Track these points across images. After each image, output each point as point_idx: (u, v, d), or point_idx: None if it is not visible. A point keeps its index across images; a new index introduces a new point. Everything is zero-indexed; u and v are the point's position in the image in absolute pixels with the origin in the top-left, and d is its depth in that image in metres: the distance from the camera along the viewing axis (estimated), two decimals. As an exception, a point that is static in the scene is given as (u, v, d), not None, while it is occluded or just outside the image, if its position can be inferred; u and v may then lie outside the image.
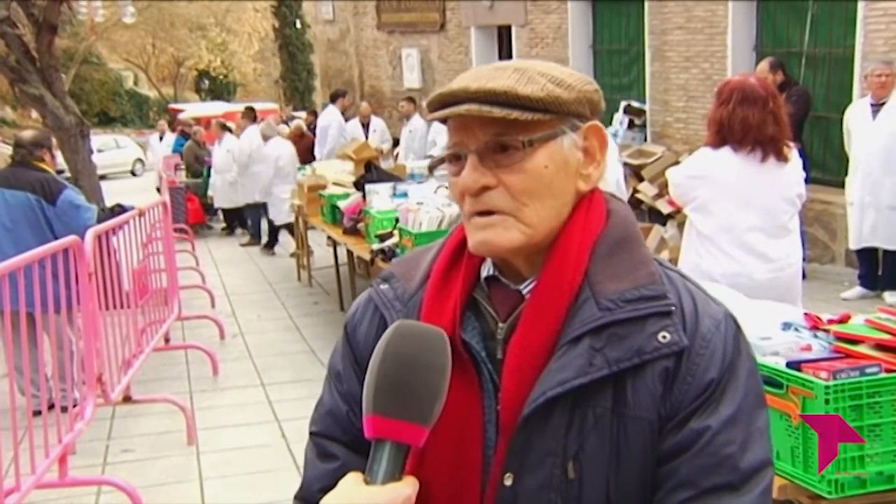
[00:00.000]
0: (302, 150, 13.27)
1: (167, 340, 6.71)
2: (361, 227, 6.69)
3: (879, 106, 6.81)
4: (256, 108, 15.69)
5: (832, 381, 2.21)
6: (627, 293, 1.12)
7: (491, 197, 1.15)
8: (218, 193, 12.70)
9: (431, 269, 1.25)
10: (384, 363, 1.03)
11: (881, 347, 2.37)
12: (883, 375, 2.26)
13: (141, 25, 28.29)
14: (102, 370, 4.72)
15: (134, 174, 26.40)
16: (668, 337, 1.11)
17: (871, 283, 7.20)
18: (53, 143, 6.52)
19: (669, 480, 1.11)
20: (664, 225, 8.72)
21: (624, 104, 10.77)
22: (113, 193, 10.74)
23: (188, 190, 13.09)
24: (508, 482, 1.13)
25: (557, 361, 1.11)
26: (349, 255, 7.41)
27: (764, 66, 7.79)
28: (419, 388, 1.02)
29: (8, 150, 5.60)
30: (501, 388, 1.15)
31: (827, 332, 2.50)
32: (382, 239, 5.99)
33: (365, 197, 6.80)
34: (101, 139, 25.61)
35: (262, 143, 11.43)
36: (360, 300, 1.32)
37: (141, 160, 26.62)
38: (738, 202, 3.69)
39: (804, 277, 4.18)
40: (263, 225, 12.16)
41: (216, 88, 37.99)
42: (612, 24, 11.51)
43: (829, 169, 8.52)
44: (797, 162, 3.81)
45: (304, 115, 17.79)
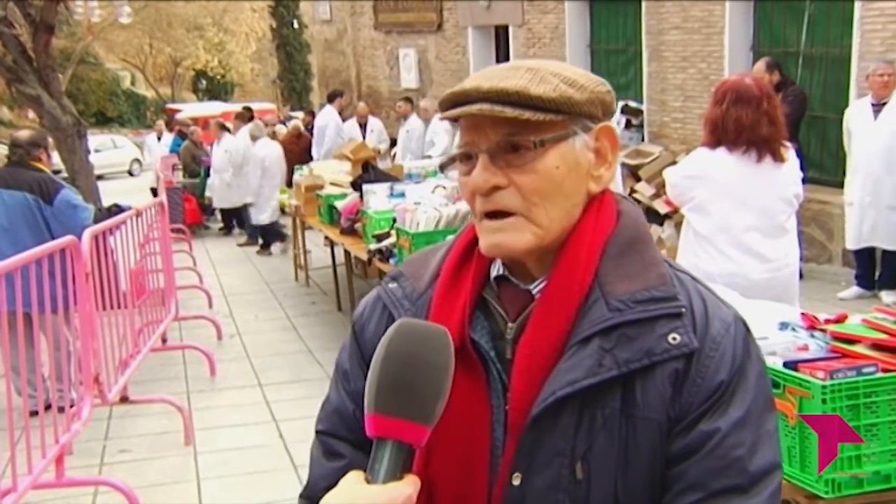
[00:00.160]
0: (299, 150, 13.27)
1: (164, 341, 6.71)
2: (359, 227, 6.69)
3: (881, 106, 6.78)
4: (254, 108, 15.70)
5: (829, 380, 2.22)
6: (638, 294, 1.12)
7: (502, 197, 1.15)
8: (216, 193, 12.69)
9: (441, 268, 1.25)
10: (386, 361, 1.03)
11: (878, 347, 2.37)
12: (880, 375, 2.27)
13: (138, 25, 28.30)
14: (99, 370, 4.72)
15: (131, 174, 26.37)
16: (678, 338, 1.11)
17: (867, 282, 7.20)
18: (50, 143, 6.52)
19: (678, 482, 1.10)
20: (661, 225, 8.73)
21: (621, 104, 10.77)
22: (110, 193, 10.76)
23: (185, 190, 13.08)
24: (517, 482, 1.12)
25: (567, 361, 1.11)
26: (346, 255, 7.41)
27: (760, 66, 7.80)
28: (421, 386, 1.02)
29: (3, 150, 5.58)
30: (510, 387, 1.15)
31: (824, 331, 2.50)
32: (380, 239, 5.99)
33: (362, 197, 6.80)
34: (98, 139, 25.60)
35: (251, 143, 11.44)
36: (368, 299, 1.32)
37: (138, 160, 26.60)
38: (735, 202, 3.69)
39: (801, 277, 4.20)
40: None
41: (213, 88, 37.97)
42: (609, 23, 11.52)
43: (826, 169, 8.53)
44: (794, 162, 3.81)
45: (301, 115, 17.78)
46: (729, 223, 3.72)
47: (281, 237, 11.57)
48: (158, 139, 17.65)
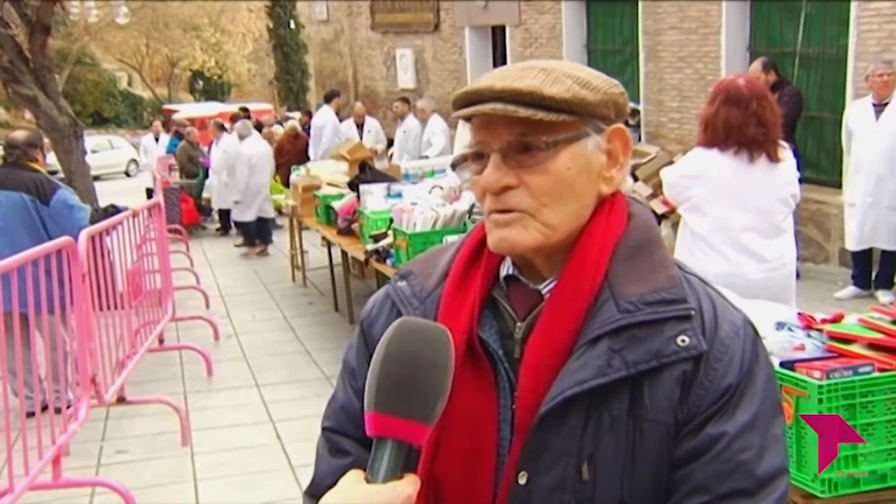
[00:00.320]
0: (296, 150, 13.27)
1: (161, 341, 6.70)
2: (356, 227, 6.69)
3: (882, 106, 6.75)
4: (251, 108, 15.72)
5: (825, 380, 2.22)
6: (647, 296, 1.12)
7: (512, 197, 1.15)
8: (215, 194, 12.69)
9: (450, 267, 1.25)
10: (386, 360, 1.03)
11: (874, 347, 2.38)
12: (876, 375, 2.27)
13: (135, 26, 28.28)
14: (96, 371, 4.71)
15: (128, 175, 26.33)
16: (686, 341, 1.11)
17: (864, 282, 7.21)
18: (45, 143, 6.51)
19: (684, 485, 1.10)
20: (658, 225, 8.73)
21: (618, 104, 10.77)
22: (107, 194, 10.73)
23: (182, 190, 13.07)
24: (522, 481, 1.12)
25: (576, 361, 1.11)
26: (343, 255, 7.40)
27: (756, 66, 7.80)
28: (421, 386, 1.02)
29: (-1, 150, 5.62)
30: (518, 386, 1.15)
31: (820, 331, 2.51)
32: (377, 239, 5.98)
33: (359, 197, 6.80)
34: (95, 140, 25.57)
35: (238, 142, 11.46)
36: (377, 296, 1.33)
37: (135, 161, 26.57)
38: (731, 202, 3.69)
39: (798, 277, 4.19)
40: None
41: (210, 89, 37.94)
42: (606, 24, 11.53)
43: (822, 169, 8.55)
44: (791, 162, 3.82)
45: (298, 115, 17.78)
46: (726, 223, 3.72)
47: (265, 238, 11.57)
48: (156, 140, 17.61)
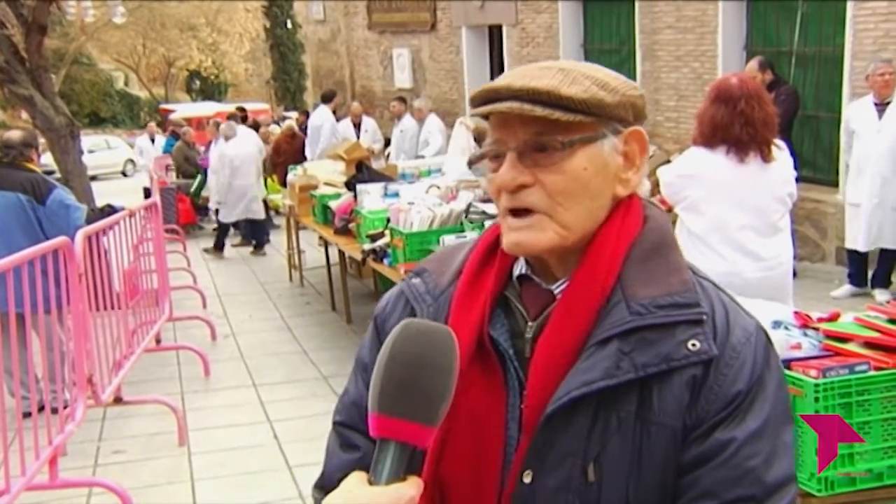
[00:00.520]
0: (294, 150, 13.26)
1: (158, 341, 6.70)
2: (353, 227, 6.68)
3: (884, 105, 6.71)
4: (248, 108, 15.71)
5: (822, 379, 2.23)
6: (659, 299, 1.12)
7: (527, 195, 1.15)
8: (214, 194, 12.66)
9: (464, 265, 1.25)
10: (390, 362, 1.02)
11: (870, 345, 2.38)
12: (872, 373, 2.28)
13: (131, 26, 28.22)
14: (93, 371, 4.70)
15: (125, 175, 26.34)
16: (697, 345, 1.10)
17: (860, 280, 7.21)
18: (41, 143, 6.51)
19: (691, 490, 1.10)
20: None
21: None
22: (104, 194, 10.72)
23: (179, 190, 13.05)
24: (527, 480, 1.12)
25: (584, 362, 1.11)
26: (341, 255, 7.40)
27: (753, 65, 7.81)
28: (425, 387, 1.01)
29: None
30: (527, 385, 1.15)
31: (817, 330, 2.51)
32: (374, 239, 5.98)
33: (356, 197, 6.80)
34: (91, 140, 25.54)
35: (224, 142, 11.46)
36: (391, 293, 1.33)
37: (132, 161, 26.56)
38: (728, 201, 3.69)
39: (795, 276, 4.19)
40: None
41: (207, 89, 37.92)
42: (602, 23, 11.53)
43: (819, 168, 8.55)
44: (787, 161, 3.82)
45: (295, 115, 17.77)
46: (722, 222, 3.72)
47: (259, 239, 11.57)
48: (152, 141, 17.58)
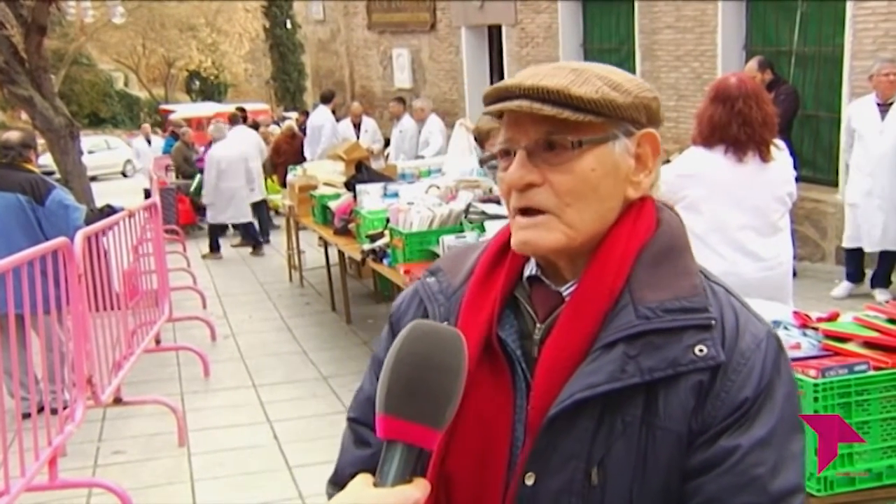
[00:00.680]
0: (293, 150, 13.28)
1: (158, 342, 6.70)
2: (352, 227, 6.68)
3: (887, 105, 6.67)
4: (247, 108, 15.70)
5: (821, 378, 2.23)
6: (668, 303, 1.11)
7: (536, 194, 1.15)
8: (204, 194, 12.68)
9: (476, 265, 1.25)
10: (397, 363, 1.02)
11: (870, 345, 2.38)
12: (871, 373, 2.28)
13: (131, 26, 28.21)
14: (92, 372, 4.70)
15: (125, 175, 26.32)
16: (704, 351, 1.09)
17: (858, 277, 7.19)
18: (40, 143, 6.51)
19: (696, 496, 1.09)
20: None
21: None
22: (103, 195, 10.72)
23: (179, 191, 13.05)
24: (530, 482, 1.12)
25: (589, 365, 1.11)
26: (340, 255, 7.40)
27: (752, 64, 7.81)
28: (432, 389, 1.01)
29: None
30: (533, 387, 1.14)
31: (816, 329, 2.51)
32: (373, 239, 5.98)
33: (356, 197, 6.79)
34: (91, 140, 25.53)
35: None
36: (406, 291, 1.34)
37: (132, 161, 26.57)
38: (727, 201, 3.69)
39: (795, 276, 4.19)
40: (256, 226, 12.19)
41: (207, 89, 37.91)
42: (602, 23, 11.53)
43: (819, 167, 8.55)
44: (787, 160, 3.82)
45: (295, 115, 17.77)
46: (722, 222, 3.72)
47: (255, 239, 11.61)
48: (148, 142, 17.57)
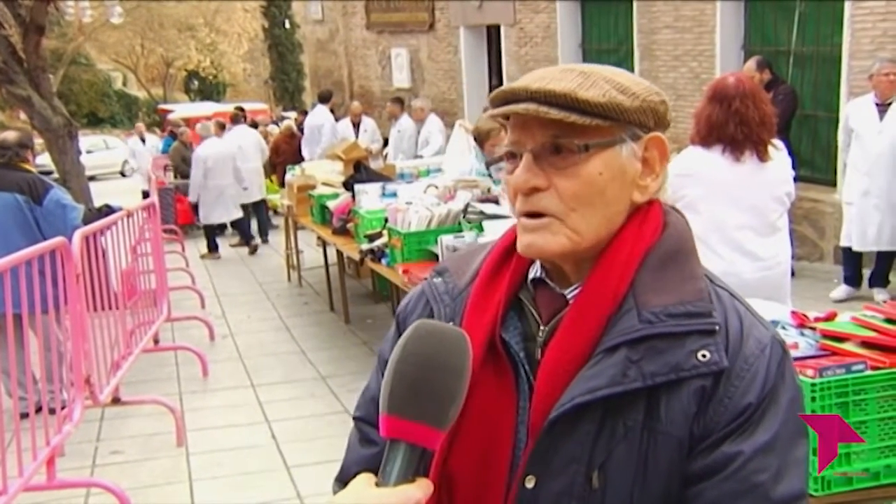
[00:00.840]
0: (292, 150, 13.28)
1: (156, 342, 6.69)
2: (351, 227, 6.68)
3: (885, 105, 6.64)
4: (246, 108, 15.70)
5: (818, 378, 2.23)
6: (672, 308, 1.11)
7: (541, 199, 1.14)
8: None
9: (482, 266, 1.25)
10: (399, 363, 1.02)
11: (867, 345, 2.38)
12: (869, 373, 2.28)
13: (129, 26, 28.19)
14: (91, 372, 4.70)
15: (123, 175, 26.30)
16: (707, 356, 1.09)
17: (857, 281, 7.19)
18: (38, 143, 6.51)
19: (697, 502, 1.09)
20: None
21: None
22: (102, 194, 10.71)
23: (177, 191, 13.04)
24: (530, 485, 1.12)
25: (591, 369, 1.10)
26: (339, 255, 7.40)
27: (751, 64, 7.81)
28: (435, 389, 1.00)
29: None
30: (535, 389, 1.14)
31: (814, 329, 2.51)
32: (372, 239, 5.98)
33: (354, 197, 6.79)
34: (90, 140, 25.54)
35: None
36: (414, 291, 1.33)
37: (129, 161, 26.55)
38: (725, 201, 3.69)
39: (793, 275, 4.19)
40: (253, 226, 12.19)
41: (206, 89, 37.87)
42: (600, 23, 11.54)
43: (817, 167, 8.55)
44: (785, 160, 3.81)
45: (294, 115, 17.76)
46: (720, 222, 3.72)
47: (248, 237, 11.66)
48: (143, 142, 17.53)
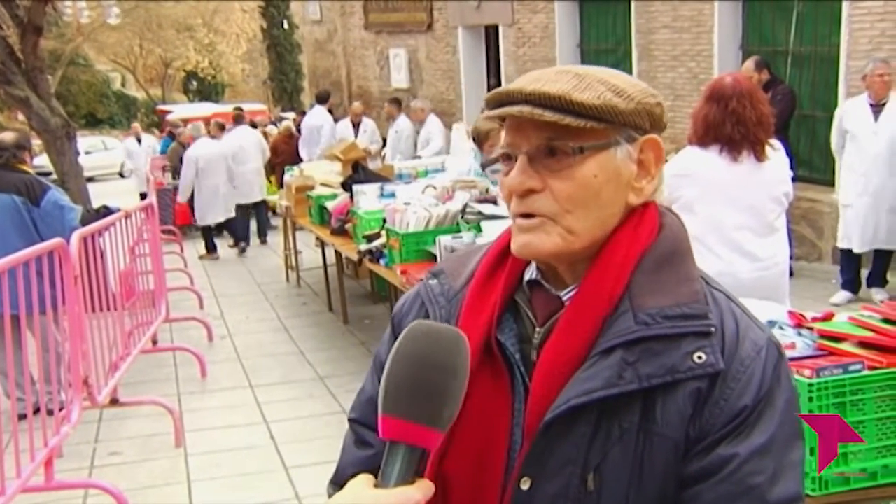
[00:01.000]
0: (291, 150, 13.28)
1: (155, 342, 6.69)
2: (349, 227, 6.68)
3: (880, 106, 6.65)
4: (245, 108, 15.69)
5: (816, 378, 2.23)
6: (668, 309, 1.11)
7: (535, 200, 1.14)
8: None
9: (477, 268, 1.25)
10: (397, 363, 1.02)
11: (865, 345, 2.38)
12: (866, 373, 2.27)
13: (128, 26, 28.21)
14: (89, 373, 4.69)
15: (122, 176, 26.25)
16: (703, 358, 1.09)
17: (854, 286, 7.17)
18: (37, 144, 6.51)
19: None
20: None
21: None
22: (100, 195, 10.72)
23: (176, 191, 13.01)
24: (525, 486, 1.12)
25: (586, 371, 1.10)
26: (337, 255, 7.40)
27: (749, 64, 7.81)
28: (433, 389, 1.01)
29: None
30: (530, 391, 1.14)
31: (811, 329, 2.51)
32: (370, 239, 5.98)
33: (352, 197, 6.79)
34: (88, 141, 25.54)
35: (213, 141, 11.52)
36: (409, 293, 1.33)
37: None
38: (722, 201, 3.69)
39: (792, 275, 4.19)
40: (252, 226, 12.19)
41: (204, 89, 37.86)
42: (598, 23, 11.54)
43: (815, 167, 8.56)
44: (783, 160, 3.81)
45: (292, 115, 17.75)
46: (718, 222, 3.72)
47: (239, 237, 11.69)
48: (139, 142, 17.50)
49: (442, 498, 1.16)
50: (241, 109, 14.60)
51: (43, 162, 11.88)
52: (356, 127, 12.45)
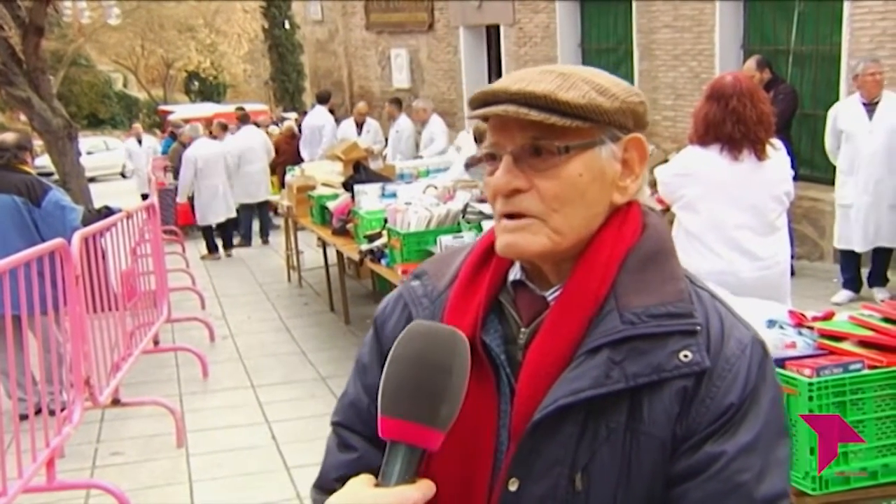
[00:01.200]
0: (293, 151, 13.29)
1: (156, 343, 6.69)
2: (350, 227, 6.69)
3: (873, 105, 6.66)
4: (246, 109, 15.70)
5: (816, 377, 2.23)
6: (653, 308, 1.11)
7: (521, 200, 1.14)
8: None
9: (461, 268, 1.24)
10: (397, 363, 1.03)
11: (865, 344, 2.38)
12: (866, 372, 2.27)
13: (129, 27, 28.24)
14: (90, 373, 4.70)
15: (124, 176, 26.29)
16: (689, 356, 1.09)
17: (855, 285, 7.17)
18: (38, 145, 6.51)
19: (680, 502, 1.09)
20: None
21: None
22: (102, 196, 10.73)
23: (177, 192, 13.02)
24: (513, 487, 1.11)
25: (573, 371, 1.10)
26: (339, 255, 7.40)
27: (751, 63, 7.80)
28: (430, 388, 1.01)
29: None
30: (516, 392, 1.14)
31: (811, 329, 2.51)
32: (371, 239, 5.98)
33: (354, 197, 6.80)
34: (90, 141, 25.56)
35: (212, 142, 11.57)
36: (391, 295, 1.33)
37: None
38: (723, 200, 3.69)
39: (793, 274, 4.19)
40: (255, 226, 12.20)
41: (206, 90, 37.88)
42: (600, 22, 11.54)
43: (817, 166, 8.55)
44: (784, 159, 3.81)
45: (294, 115, 17.76)
46: (719, 221, 3.72)
47: (241, 238, 11.76)
48: (139, 142, 17.51)
49: (430, 500, 1.17)
50: (243, 110, 14.62)
51: (44, 162, 11.89)
52: (360, 127, 12.46)
